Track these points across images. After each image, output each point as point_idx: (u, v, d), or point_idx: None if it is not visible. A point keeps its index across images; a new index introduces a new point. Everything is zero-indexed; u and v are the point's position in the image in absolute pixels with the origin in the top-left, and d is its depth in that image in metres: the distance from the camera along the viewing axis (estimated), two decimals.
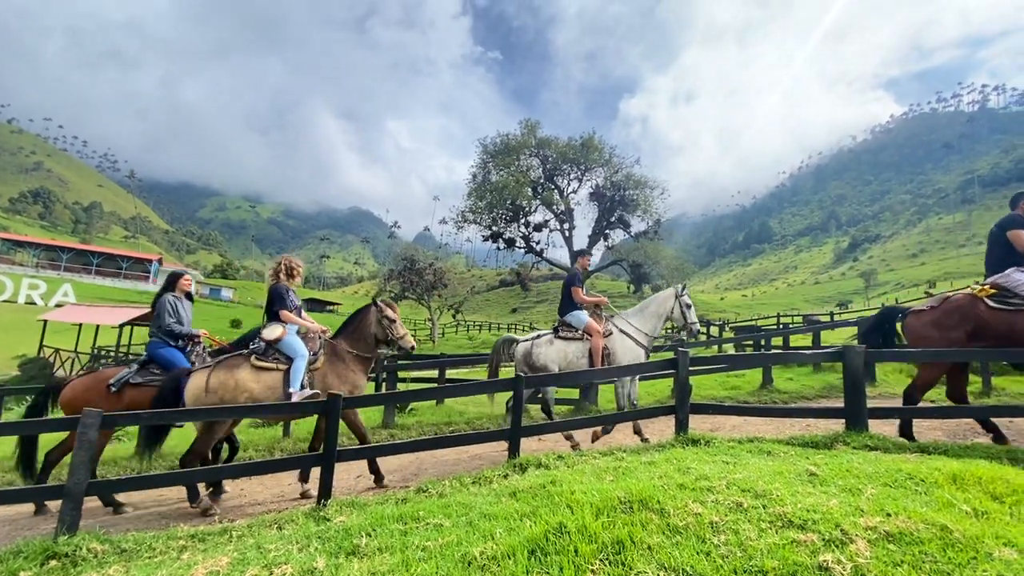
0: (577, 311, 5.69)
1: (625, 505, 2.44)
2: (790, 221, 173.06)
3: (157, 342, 4.54)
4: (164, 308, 4.59)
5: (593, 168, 28.13)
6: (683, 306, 5.70)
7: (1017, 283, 4.04)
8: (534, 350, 5.67)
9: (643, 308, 5.86)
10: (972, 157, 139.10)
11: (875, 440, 3.74)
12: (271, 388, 4.26)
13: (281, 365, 4.35)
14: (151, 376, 4.39)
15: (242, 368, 4.30)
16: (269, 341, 4.39)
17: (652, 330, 5.70)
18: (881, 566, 1.83)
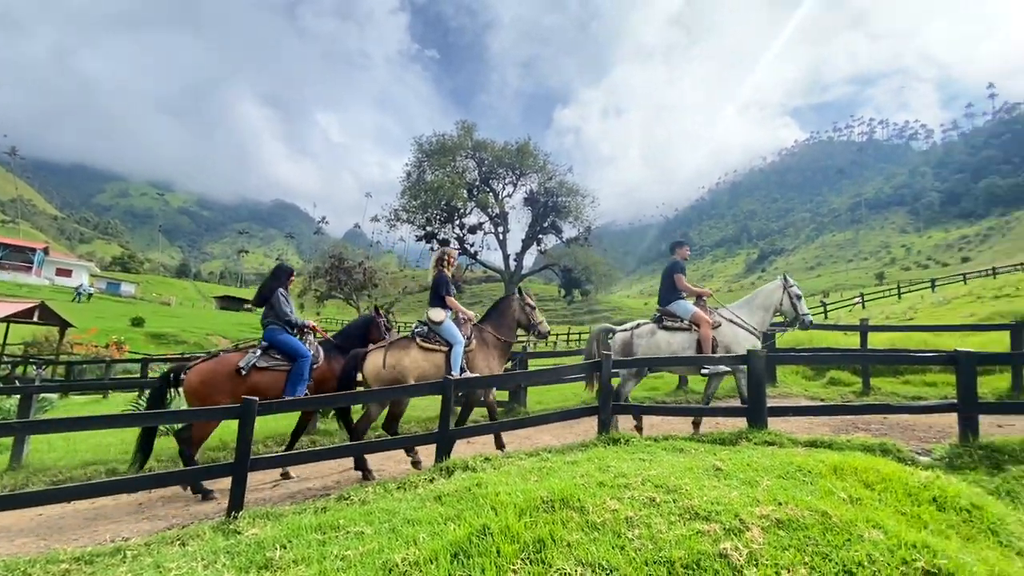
0: (682, 300, 5.52)
1: (547, 504, 2.52)
2: (708, 233, 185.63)
3: (277, 329, 4.76)
4: (280, 300, 4.85)
5: (528, 174, 28.63)
6: (793, 297, 5.47)
7: None
8: (635, 341, 5.53)
9: (749, 301, 5.70)
10: (860, 182, 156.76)
11: (773, 436, 4.12)
12: (438, 367, 4.79)
13: (443, 347, 4.87)
14: (275, 360, 4.63)
15: (412, 349, 4.85)
16: (435, 322, 4.91)
17: (760, 323, 5.51)
18: (772, 551, 2.03)
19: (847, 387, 7.89)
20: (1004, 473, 3.39)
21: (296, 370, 4.64)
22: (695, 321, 5.34)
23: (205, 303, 67.66)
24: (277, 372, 4.61)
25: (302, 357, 4.69)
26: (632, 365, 5.22)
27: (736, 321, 5.44)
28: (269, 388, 4.51)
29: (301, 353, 4.70)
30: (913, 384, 7.49)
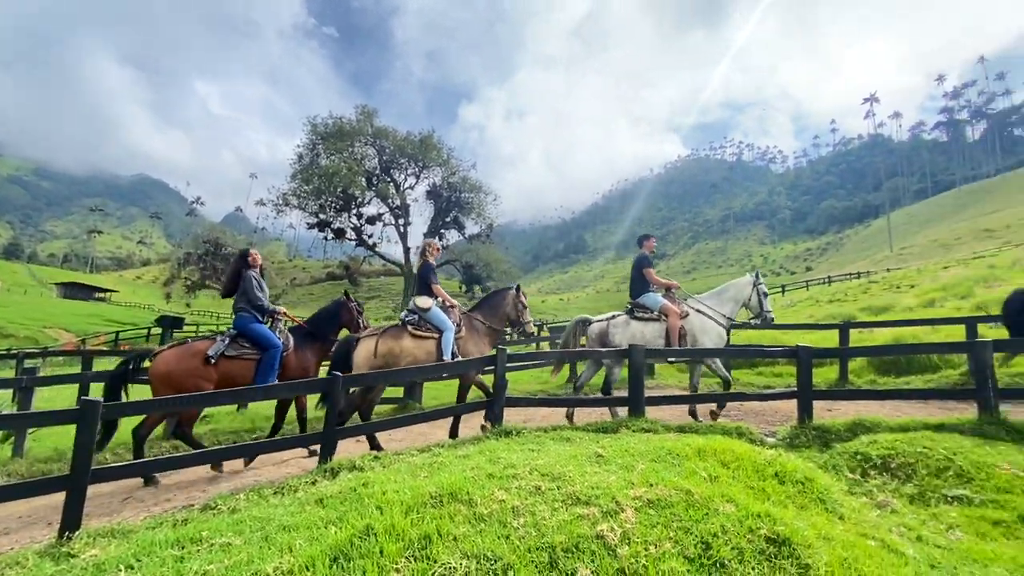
0: (651, 293, 5.77)
1: (435, 500, 2.48)
2: (601, 236, 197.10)
3: (248, 316, 4.62)
4: (252, 283, 4.68)
5: (431, 167, 28.06)
6: (760, 294, 5.82)
7: None
8: (610, 331, 5.71)
9: (719, 293, 5.99)
10: (730, 197, 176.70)
11: (649, 424, 4.47)
12: (430, 353, 4.89)
13: (434, 334, 4.97)
14: (244, 349, 4.52)
15: (404, 337, 4.93)
16: (422, 309, 5.01)
17: (730, 313, 5.82)
18: (642, 529, 2.19)
19: (713, 379, 8.84)
20: (831, 450, 4.01)
21: (267, 360, 4.55)
22: (664, 312, 5.64)
23: (43, 290, 57.25)
24: (246, 361, 4.53)
25: (273, 347, 4.60)
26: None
27: (704, 311, 5.77)
28: (238, 377, 4.43)
29: (272, 343, 4.61)
30: (765, 375, 8.60)
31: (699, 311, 5.79)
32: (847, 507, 2.85)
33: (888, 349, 5.84)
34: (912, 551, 2.45)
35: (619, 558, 2.00)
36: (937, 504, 3.07)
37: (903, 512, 2.99)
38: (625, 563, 1.97)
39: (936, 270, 22.26)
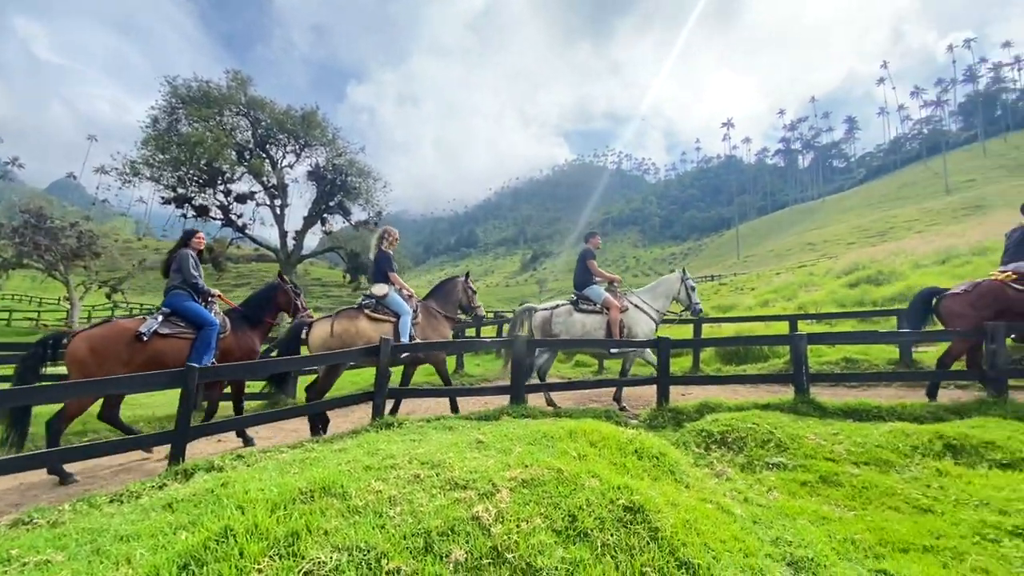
0: (595, 285, 6.07)
1: (306, 495, 2.35)
2: (492, 231, 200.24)
3: (183, 295, 4.53)
4: (188, 262, 4.60)
5: (314, 146, 25.95)
6: (688, 288, 6.31)
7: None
8: (554, 319, 5.94)
9: (652, 289, 6.45)
10: (609, 202, 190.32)
11: (528, 410, 4.67)
12: (386, 335, 4.89)
13: (391, 318, 5.14)
14: (179, 328, 4.40)
15: (361, 319, 5.07)
16: (378, 297, 5.18)
17: (662, 308, 6.28)
18: (516, 507, 2.29)
19: (588, 368, 9.50)
20: (682, 428, 4.53)
21: (202, 338, 4.43)
22: (606, 305, 5.95)
23: None
24: (181, 340, 4.39)
25: (209, 325, 4.48)
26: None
27: (641, 306, 6.14)
28: (171, 357, 4.28)
29: (208, 321, 4.49)
30: (634, 365, 9.44)
31: (636, 306, 6.15)
32: (692, 477, 3.25)
33: (730, 341, 6.75)
34: (740, 511, 2.88)
35: (492, 536, 2.07)
36: (761, 471, 3.63)
37: (735, 479, 3.50)
38: (498, 540, 2.05)
39: (771, 276, 26.19)
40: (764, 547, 2.45)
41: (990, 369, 4.73)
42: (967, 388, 5.88)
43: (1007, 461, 3.41)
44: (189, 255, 4.67)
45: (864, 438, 3.81)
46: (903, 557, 2.45)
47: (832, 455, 3.63)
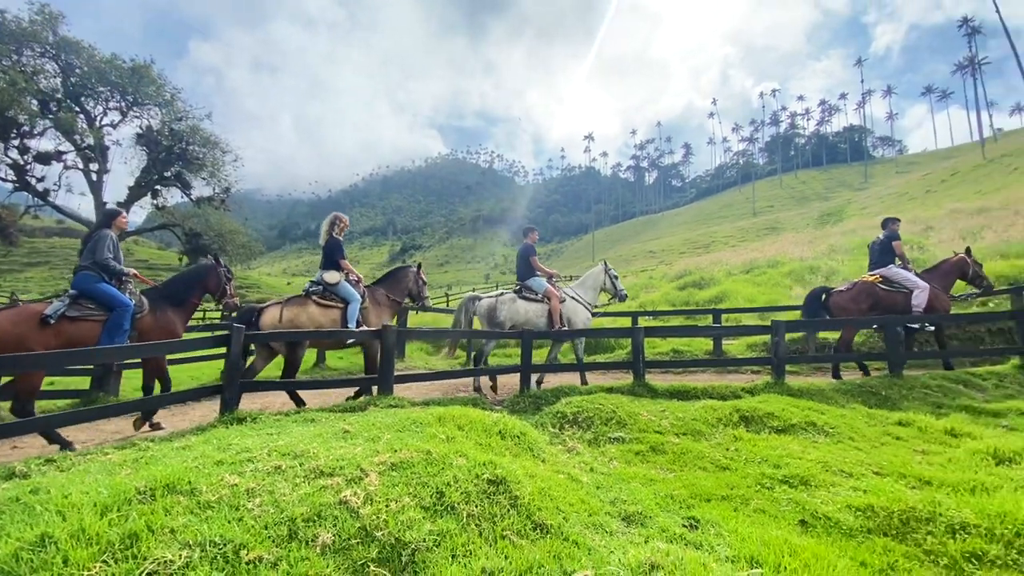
0: (537, 277, 6.54)
1: (145, 495, 2.12)
2: (358, 220, 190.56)
3: (92, 276, 4.33)
4: (104, 242, 4.43)
5: (146, 105, 21.95)
6: (611, 278, 6.91)
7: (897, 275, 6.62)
8: (498, 307, 6.28)
9: (583, 282, 7.02)
10: (481, 200, 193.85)
11: (396, 400, 4.67)
12: (334, 322, 5.24)
13: (339, 304, 5.31)
14: (88, 310, 4.22)
15: (309, 305, 5.24)
16: (330, 284, 5.36)
17: (593, 299, 6.86)
18: (385, 489, 2.34)
19: (457, 360, 9.68)
20: (541, 412, 4.91)
21: (114, 320, 4.25)
22: (547, 295, 6.43)
23: None
24: (91, 322, 4.21)
25: (122, 306, 4.30)
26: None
27: (576, 298, 6.66)
28: (82, 340, 4.14)
29: (121, 302, 4.31)
30: (497, 356, 9.87)
31: (573, 297, 6.69)
32: (548, 453, 3.60)
33: (583, 333, 7.44)
34: (586, 479, 3.27)
35: (361, 518, 2.10)
36: (604, 444, 4.14)
37: (583, 452, 3.93)
38: (367, 521, 2.09)
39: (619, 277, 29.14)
40: (604, 507, 2.84)
41: (773, 357, 5.96)
42: (759, 373, 7.29)
43: (781, 427, 4.36)
44: (108, 235, 4.50)
45: (684, 414, 4.55)
46: (707, 505, 3.02)
47: (660, 428, 4.28)
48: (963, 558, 2.44)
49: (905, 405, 5.12)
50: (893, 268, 6.76)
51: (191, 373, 7.39)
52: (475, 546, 2.11)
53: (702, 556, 2.14)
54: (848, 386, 5.60)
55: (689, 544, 2.38)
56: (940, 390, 5.52)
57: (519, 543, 2.22)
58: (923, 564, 2.42)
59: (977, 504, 2.78)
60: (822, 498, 3.03)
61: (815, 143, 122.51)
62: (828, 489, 3.15)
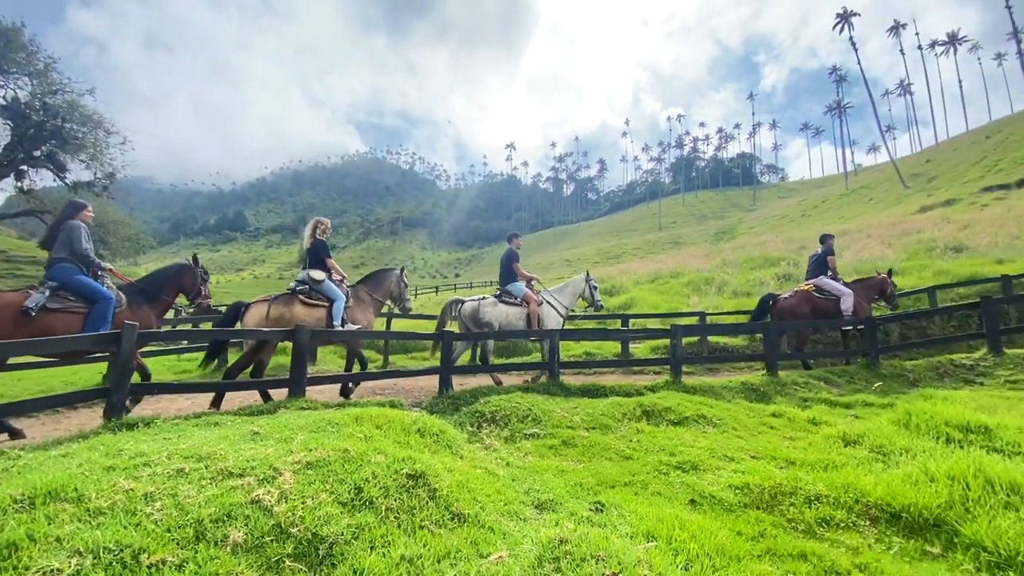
0: (517, 282, 6.85)
1: (22, 503, 1.94)
2: (265, 216, 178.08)
3: (71, 268, 4.32)
4: (80, 234, 4.42)
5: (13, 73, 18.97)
6: (591, 287, 7.30)
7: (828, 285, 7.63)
8: (481, 309, 6.59)
9: (563, 288, 7.33)
10: (400, 202, 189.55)
11: (309, 403, 4.52)
12: (320, 320, 5.35)
13: (324, 303, 5.46)
14: (68, 302, 4.20)
15: (295, 304, 5.33)
16: (316, 281, 5.49)
17: (569, 304, 7.13)
18: (300, 487, 2.31)
19: (373, 364, 9.46)
20: (460, 411, 4.99)
21: (97, 312, 4.24)
22: (526, 299, 6.76)
23: None
24: (72, 314, 4.17)
25: (104, 299, 4.30)
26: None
27: (551, 302, 6.94)
28: (62, 332, 4.04)
29: (103, 295, 4.31)
30: (417, 359, 9.79)
31: (548, 302, 6.95)
32: (466, 450, 3.69)
33: (501, 335, 7.64)
34: (503, 472, 3.41)
35: (275, 515, 2.07)
36: (520, 440, 4.31)
37: (500, 449, 4.08)
38: (281, 518, 2.06)
39: None
40: (519, 496, 2.99)
41: (672, 358, 6.52)
42: (660, 372, 7.92)
43: (677, 420, 4.80)
44: (81, 227, 4.47)
45: (594, 410, 4.86)
46: (612, 491, 3.28)
47: (572, 424, 4.54)
48: (816, 523, 2.89)
49: (778, 399, 5.86)
50: (824, 279, 7.76)
51: (66, 377, 6.56)
52: (394, 537, 2.16)
53: (605, 532, 2.36)
54: (733, 384, 6.28)
55: (595, 524, 2.60)
56: (806, 386, 6.37)
57: (437, 532, 2.30)
58: (786, 530, 2.83)
59: (828, 479, 3.29)
60: (709, 480, 3.41)
61: (713, 167, 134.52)
62: (714, 472, 3.54)
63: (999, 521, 2.57)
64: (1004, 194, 30.95)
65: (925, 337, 8.96)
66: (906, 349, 8.03)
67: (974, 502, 2.78)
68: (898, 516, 2.86)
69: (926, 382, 6.49)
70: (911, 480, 3.07)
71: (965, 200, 32.81)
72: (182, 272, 5.21)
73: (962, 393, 5.45)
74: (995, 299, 7.68)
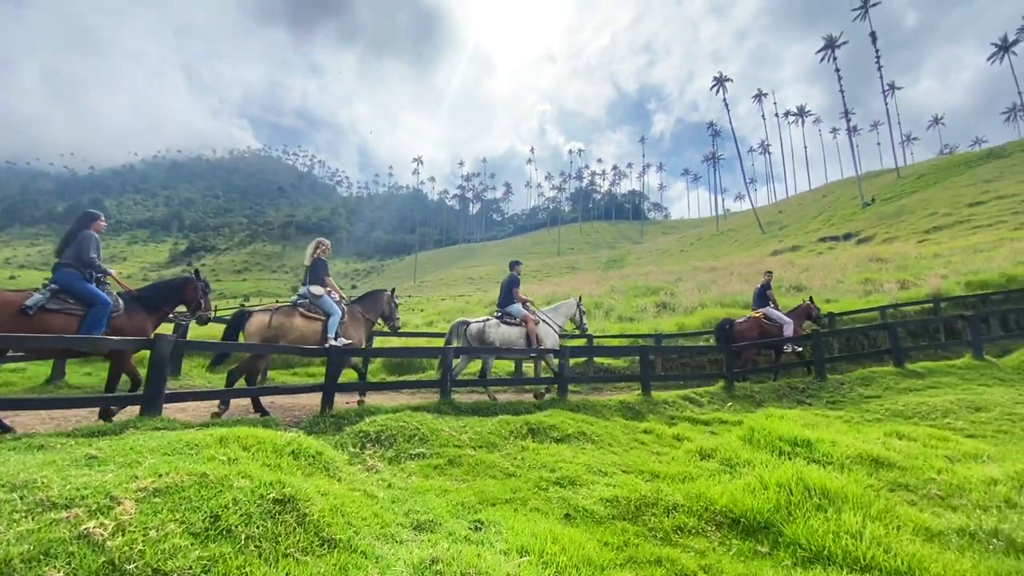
0: (515, 305, 7.40)
1: None
2: (131, 208, 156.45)
3: (75, 273, 4.52)
4: (92, 242, 4.65)
5: None
6: (581, 313, 8.05)
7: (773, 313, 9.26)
8: (487, 330, 7.20)
9: (556, 308, 7.98)
10: (296, 205, 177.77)
11: (165, 422, 4.03)
12: (316, 333, 5.81)
13: (322, 317, 5.89)
14: (67, 304, 4.39)
15: (295, 315, 5.73)
16: (316, 296, 5.92)
17: (562, 324, 7.81)
18: (143, 517, 2.06)
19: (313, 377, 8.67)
20: (343, 431, 4.73)
21: (94, 315, 4.42)
22: (524, 320, 7.37)
23: None
24: (69, 316, 4.35)
25: (101, 304, 4.48)
26: None
27: (547, 321, 7.62)
28: (58, 332, 4.23)
29: (101, 300, 4.49)
30: (300, 375, 9.15)
31: (544, 321, 7.58)
32: (345, 472, 3.53)
33: (396, 352, 7.47)
34: (383, 494, 3.32)
35: (107, 551, 1.83)
36: (405, 461, 4.21)
37: (383, 470, 3.95)
38: (115, 554, 1.83)
39: (437, 300, 29.76)
40: (398, 518, 2.93)
41: (559, 377, 6.83)
42: (550, 391, 8.23)
43: (560, 437, 5.02)
44: (93, 237, 4.69)
45: (482, 428, 4.92)
46: (493, 509, 3.34)
47: (459, 443, 4.55)
48: (673, 531, 3.19)
49: (650, 417, 6.38)
50: (769, 309, 9.36)
51: None
52: (252, 567, 2.00)
53: (479, 550, 2.40)
54: (613, 403, 6.73)
55: (471, 542, 2.62)
56: (675, 405, 7.02)
57: (304, 560, 2.18)
58: (647, 539, 3.09)
59: (685, 489, 3.65)
60: (583, 494, 3.61)
61: (608, 200, 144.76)
62: (589, 487, 3.76)
63: (812, 521, 3.04)
64: (835, 244, 37.09)
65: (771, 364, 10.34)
66: (756, 373, 9.20)
67: (795, 506, 3.25)
68: (738, 521, 3.26)
69: (770, 402, 7.48)
70: (750, 488, 3.51)
71: (806, 247, 38.75)
72: (185, 285, 5.39)
73: (794, 412, 6.36)
74: (823, 333, 9.13)
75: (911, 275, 16.30)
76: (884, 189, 52.46)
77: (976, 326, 9.25)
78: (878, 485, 3.80)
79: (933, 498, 3.63)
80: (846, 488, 3.39)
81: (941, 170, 50.52)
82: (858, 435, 5.07)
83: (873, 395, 7.56)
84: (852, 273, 18.99)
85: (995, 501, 3.39)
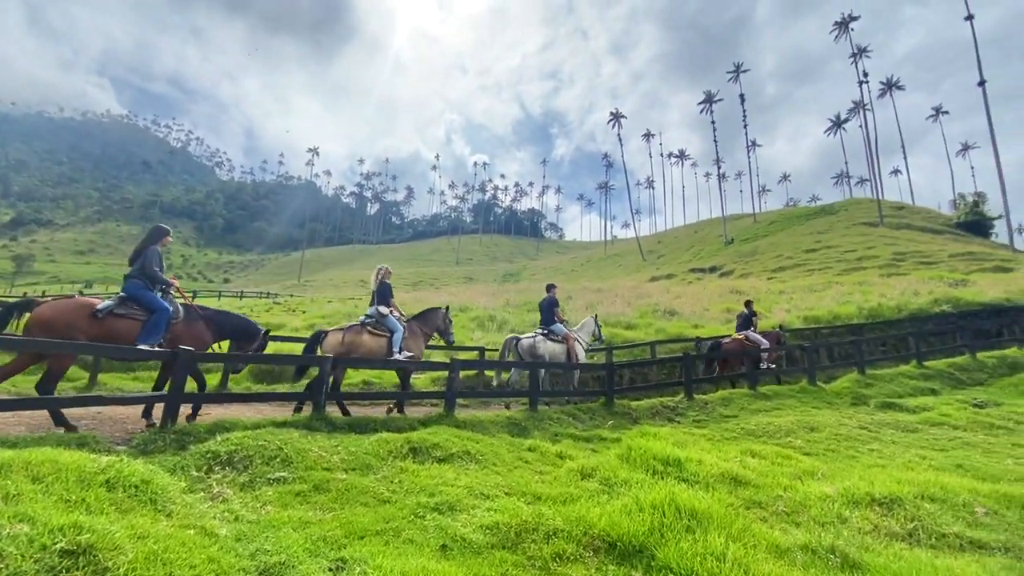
0: (558, 324, 8.76)
1: None
2: None
3: (140, 284, 5.03)
4: (155, 257, 5.16)
5: None
6: (598, 327, 9.54)
7: None
8: (536, 345, 8.35)
9: (582, 327, 9.41)
10: (163, 184, 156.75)
11: None
12: (382, 347, 6.62)
13: (386, 333, 6.69)
14: (132, 311, 4.89)
15: (364, 333, 6.60)
16: (382, 316, 6.76)
17: (588, 340, 9.26)
18: None
19: (72, 382, 7.19)
20: (186, 451, 4.02)
21: (154, 321, 4.89)
22: (565, 338, 8.56)
23: None
24: (133, 320, 4.85)
25: (161, 310, 4.94)
26: None
27: (579, 339, 8.84)
28: (122, 335, 4.75)
29: (160, 307, 4.96)
30: (143, 380, 7.81)
31: (576, 339, 8.78)
32: (179, 503, 2.94)
33: (263, 358, 6.65)
34: (225, 531, 2.80)
35: None
36: (262, 487, 3.66)
37: (232, 499, 3.38)
38: None
39: (323, 302, 27.75)
40: (240, 562, 2.46)
41: (448, 391, 6.57)
42: (437, 405, 7.92)
43: (443, 457, 4.75)
44: (157, 251, 5.18)
45: (358, 447, 4.49)
46: (360, 543, 2.98)
47: (329, 465, 4.09)
48: (552, 558, 3.08)
49: (535, 434, 6.36)
50: (751, 333, 10.82)
51: None
52: None
53: None
54: (500, 418, 6.62)
55: None
56: (559, 421, 7.11)
57: None
58: (526, 569, 2.95)
59: (566, 512, 3.59)
60: (463, 521, 3.38)
61: (508, 215, 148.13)
62: (469, 512, 3.54)
63: (682, 544, 3.12)
64: (702, 275, 41.49)
65: (647, 382, 11.05)
66: (634, 391, 9.74)
67: (667, 528, 3.33)
68: (615, 545, 3.25)
69: (644, 420, 7.90)
70: (627, 510, 3.54)
71: (679, 276, 42.87)
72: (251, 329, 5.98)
73: (666, 430, 6.76)
74: (692, 355, 9.96)
75: (762, 308, 18.61)
76: (743, 231, 60.11)
77: (811, 355, 10.72)
78: (737, 503, 4.07)
79: (781, 514, 3.98)
80: (711, 508, 3.56)
81: (787, 219, 59.26)
82: (720, 453, 5.48)
83: (731, 414, 8.34)
84: (716, 302, 21.26)
85: (830, 517, 3.79)
